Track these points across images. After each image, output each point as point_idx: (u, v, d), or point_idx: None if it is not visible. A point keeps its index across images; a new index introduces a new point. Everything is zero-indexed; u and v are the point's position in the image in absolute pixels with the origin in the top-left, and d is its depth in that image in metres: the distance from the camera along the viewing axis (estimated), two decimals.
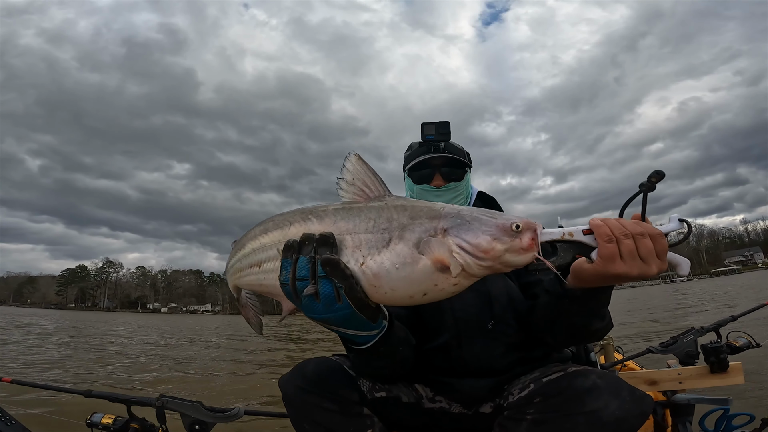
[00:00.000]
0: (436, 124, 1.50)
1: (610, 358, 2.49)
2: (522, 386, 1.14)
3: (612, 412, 0.97)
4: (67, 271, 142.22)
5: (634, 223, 0.90)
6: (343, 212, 0.91)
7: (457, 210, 0.87)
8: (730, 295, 18.22)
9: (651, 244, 0.88)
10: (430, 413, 1.33)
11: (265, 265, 1.00)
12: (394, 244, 0.84)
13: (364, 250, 0.85)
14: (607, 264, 0.88)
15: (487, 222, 0.84)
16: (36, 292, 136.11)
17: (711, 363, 1.96)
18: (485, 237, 0.82)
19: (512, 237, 0.82)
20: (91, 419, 1.93)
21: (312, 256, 0.85)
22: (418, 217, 0.86)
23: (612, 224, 0.89)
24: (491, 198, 1.59)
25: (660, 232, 0.90)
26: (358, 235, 0.87)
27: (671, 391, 2.01)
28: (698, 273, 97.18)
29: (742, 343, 2.03)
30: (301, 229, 0.93)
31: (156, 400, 1.92)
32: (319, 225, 0.92)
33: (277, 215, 1.03)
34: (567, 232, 0.91)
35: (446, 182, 1.49)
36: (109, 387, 5.48)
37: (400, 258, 0.83)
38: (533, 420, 1.04)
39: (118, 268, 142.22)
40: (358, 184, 0.94)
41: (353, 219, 0.89)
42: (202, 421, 1.90)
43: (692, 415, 1.97)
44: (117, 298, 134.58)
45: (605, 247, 0.87)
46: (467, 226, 0.83)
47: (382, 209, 0.89)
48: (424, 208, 0.88)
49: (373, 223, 0.87)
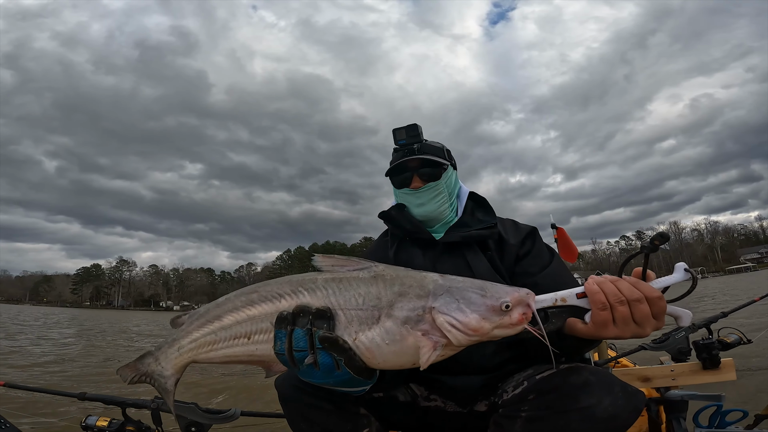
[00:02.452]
0: (406, 128, 1.54)
1: (604, 355, 2.51)
2: (516, 384, 1.15)
3: (605, 408, 0.98)
4: (82, 269, 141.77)
5: (631, 287, 0.89)
6: (334, 286, 0.95)
7: (446, 287, 0.89)
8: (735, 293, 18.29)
9: (647, 309, 0.88)
10: (425, 411, 1.34)
11: (256, 336, 1.02)
12: (384, 321, 0.88)
13: (355, 326, 0.90)
14: (599, 329, 0.90)
15: (476, 302, 0.85)
16: (52, 291, 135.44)
17: (703, 359, 1.98)
18: (474, 316, 0.84)
19: (501, 315, 0.84)
20: (85, 422, 1.92)
21: (309, 329, 0.89)
22: (406, 294, 0.89)
23: (608, 290, 0.89)
24: (482, 198, 1.61)
25: (659, 295, 0.88)
26: (350, 311, 0.91)
27: (664, 387, 2.02)
28: (713, 271, 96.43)
29: (734, 340, 2.05)
30: (293, 303, 0.97)
31: (151, 402, 1.91)
32: (310, 299, 0.96)
33: (260, 286, 1.05)
34: (560, 298, 0.92)
35: (424, 183, 1.51)
36: (104, 389, 5.45)
37: (390, 335, 0.87)
38: (527, 417, 1.05)
39: (131, 266, 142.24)
40: (337, 267, 0.99)
41: (344, 294, 0.93)
42: (199, 423, 1.90)
43: (686, 412, 1.98)
44: (131, 297, 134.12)
45: (598, 314, 0.89)
46: (456, 305, 0.86)
47: (371, 284, 0.93)
48: (414, 285, 0.91)
49: (363, 300, 0.91)
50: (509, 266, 1.43)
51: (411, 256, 1.50)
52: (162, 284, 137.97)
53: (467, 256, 1.44)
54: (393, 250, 1.55)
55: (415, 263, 1.47)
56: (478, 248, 1.45)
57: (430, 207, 1.50)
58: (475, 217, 1.54)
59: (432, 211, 1.50)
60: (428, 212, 1.50)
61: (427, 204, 1.50)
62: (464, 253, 1.44)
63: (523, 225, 1.55)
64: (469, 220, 1.52)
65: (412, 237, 1.54)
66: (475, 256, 1.43)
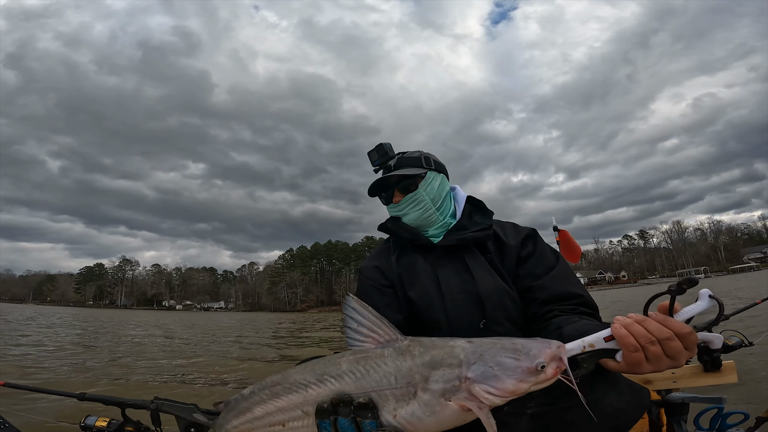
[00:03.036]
0: (375, 149, 1.62)
1: None
2: None
3: (610, 404, 0.98)
4: (85, 269, 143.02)
5: (661, 328, 0.87)
6: (361, 370, 0.94)
7: (478, 354, 0.88)
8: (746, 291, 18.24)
9: (679, 345, 0.86)
10: None
11: (290, 423, 1.02)
12: (421, 395, 0.88)
13: (392, 403, 0.89)
14: (633, 367, 0.89)
15: (511, 366, 0.84)
16: (55, 290, 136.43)
17: (704, 362, 1.97)
18: (511, 381, 0.83)
19: (537, 375, 0.83)
20: (85, 422, 1.91)
21: (353, 417, 0.89)
22: (438, 366, 0.88)
23: (637, 332, 0.87)
24: (480, 202, 1.62)
25: (689, 330, 0.86)
26: (384, 391, 0.90)
27: (666, 390, 2.01)
28: (716, 270, 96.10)
29: (735, 342, 2.04)
30: (322, 390, 0.96)
31: (151, 402, 1.90)
32: (339, 386, 0.94)
33: (281, 378, 1.04)
34: (588, 344, 0.91)
35: (404, 195, 1.55)
36: (103, 390, 5.46)
37: (430, 407, 0.87)
38: (533, 414, 1.05)
39: (134, 266, 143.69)
40: (365, 330, 0.97)
41: (373, 376, 0.92)
42: (198, 424, 1.89)
43: (687, 414, 1.97)
44: (133, 296, 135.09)
45: (630, 356, 0.87)
46: (491, 372, 0.84)
47: (399, 360, 0.91)
48: (443, 354, 0.89)
49: (395, 379, 0.90)
50: (510, 268, 1.44)
51: (412, 261, 1.53)
52: (165, 283, 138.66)
53: (466, 258, 1.45)
54: (395, 256, 1.58)
55: (416, 267, 1.51)
56: (476, 251, 1.47)
57: (413, 215, 1.54)
58: (473, 220, 1.56)
59: (417, 218, 1.54)
60: (413, 220, 1.55)
61: (410, 213, 1.55)
62: (463, 256, 1.46)
63: (522, 227, 1.56)
64: (467, 223, 1.53)
65: (412, 244, 1.57)
66: (473, 258, 1.45)
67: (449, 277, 1.43)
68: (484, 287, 1.36)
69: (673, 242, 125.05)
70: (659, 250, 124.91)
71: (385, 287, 1.52)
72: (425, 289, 1.44)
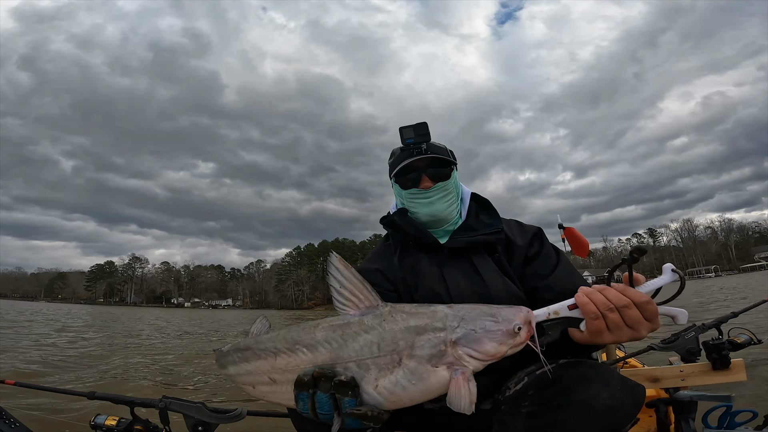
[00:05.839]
0: (414, 126, 1.48)
1: (612, 355, 2.49)
2: (518, 380, 1.15)
3: (603, 402, 0.98)
4: (95, 267, 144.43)
5: (619, 295, 0.92)
6: (337, 338, 0.93)
7: (459, 317, 0.90)
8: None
9: (637, 314, 0.91)
10: (431, 413, 1.33)
11: (259, 387, 1.05)
12: (406, 362, 0.88)
13: (374, 373, 0.89)
14: (595, 337, 0.93)
15: (493, 329, 0.88)
16: (66, 288, 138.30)
17: (713, 360, 1.95)
18: (493, 344, 0.87)
19: (514, 338, 0.87)
20: (95, 421, 1.94)
21: (332, 393, 0.89)
22: (423, 331, 0.89)
23: (597, 300, 0.92)
24: (486, 200, 1.59)
25: (647, 299, 0.92)
26: (365, 360, 0.90)
27: (674, 388, 2.00)
28: (726, 269, 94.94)
29: (744, 340, 2.03)
30: (292, 360, 0.96)
31: (159, 401, 1.92)
32: (312, 356, 0.94)
33: (256, 342, 1.06)
34: (553, 311, 0.96)
35: (434, 183, 1.48)
36: (112, 389, 5.51)
37: (416, 375, 0.87)
38: (528, 413, 1.05)
39: (143, 263, 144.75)
40: (346, 293, 0.97)
41: (352, 345, 0.91)
42: (205, 422, 1.91)
43: (695, 412, 1.96)
44: (143, 293, 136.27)
45: (592, 323, 0.92)
46: (474, 336, 0.87)
47: (381, 327, 0.91)
48: (427, 320, 0.90)
49: (377, 347, 0.90)
50: (518, 268, 1.42)
51: (416, 261, 1.48)
52: (173, 281, 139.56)
53: (474, 259, 1.42)
54: (397, 255, 1.52)
55: (421, 267, 1.46)
56: (484, 251, 1.44)
57: (439, 207, 1.47)
58: (480, 220, 1.52)
59: (441, 211, 1.48)
60: (437, 212, 1.48)
61: (437, 203, 1.47)
62: (470, 257, 1.42)
63: (528, 225, 1.54)
64: (474, 223, 1.50)
65: (416, 242, 1.51)
66: (482, 259, 1.42)
67: (457, 278, 1.39)
68: (495, 291, 1.33)
69: (683, 240, 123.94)
70: (669, 249, 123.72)
71: (389, 292, 1.46)
72: (433, 292, 1.39)
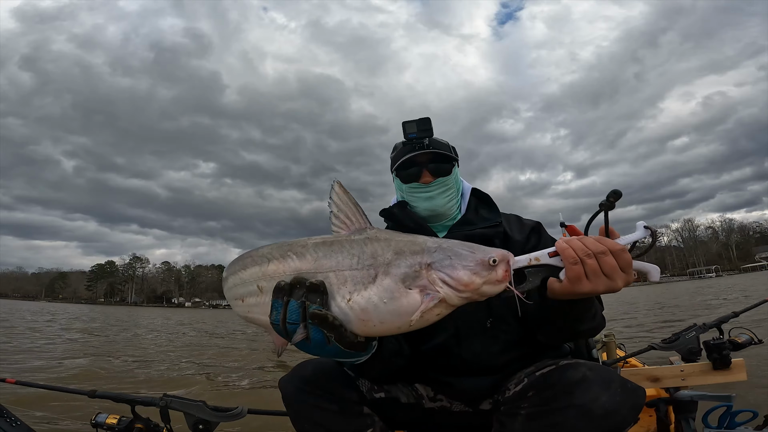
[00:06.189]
0: (417, 121, 1.49)
1: (612, 355, 2.49)
2: (517, 381, 1.16)
3: (602, 405, 0.97)
4: (96, 266, 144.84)
5: (596, 242, 0.94)
6: (324, 249, 0.94)
7: (437, 244, 0.90)
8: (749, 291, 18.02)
9: (613, 261, 0.93)
10: (431, 413, 1.33)
11: (248, 299, 1.04)
12: (381, 279, 0.87)
13: (350, 286, 0.89)
14: (573, 284, 0.94)
15: (467, 257, 0.87)
16: (67, 288, 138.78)
17: (713, 359, 1.95)
18: (465, 272, 0.86)
19: (489, 270, 0.87)
20: (95, 419, 1.95)
21: (303, 301, 0.88)
22: (402, 252, 0.89)
23: (575, 245, 0.94)
24: (486, 195, 1.58)
25: (622, 247, 0.95)
26: (343, 272, 0.90)
27: (674, 387, 2.00)
28: (727, 269, 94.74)
29: (745, 340, 2.02)
30: (280, 266, 0.97)
31: (160, 399, 1.93)
32: (299, 263, 0.95)
33: (257, 250, 1.06)
34: (534, 258, 0.97)
35: (434, 178, 1.48)
36: (113, 387, 5.51)
37: (388, 293, 0.86)
38: (527, 414, 1.05)
39: (144, 263, 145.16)
40: (342, 216, 0.98)
41: (335, 256, 0.92)
42: (206, 421, 1.91)
43: (695, 412, 1.96)
44: (143, 293, 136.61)
45: (571, 269, 0.93)
46: (449, 261, 0.87)
47: (365, 244, 0.92)
48: (408, 243, 0.91)
49: (357, 260, 0.90)
50: None
51: None
52: (174, 281, 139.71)
53: None
54: None
55: None
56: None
57: (439, 201, 1.47)
58: (479, 214, 1.52)
59: (440, 206, 1.48)
60: (436, 207, 1.48)
61: (437, 198, 1.47)
62: None
63: (527, 220, 1.54)
64: (473, 218, 1.50)
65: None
66: None
67: None
68: None
69: (684, 240, 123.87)
70: (670, 249, 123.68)
71: None
72: None
